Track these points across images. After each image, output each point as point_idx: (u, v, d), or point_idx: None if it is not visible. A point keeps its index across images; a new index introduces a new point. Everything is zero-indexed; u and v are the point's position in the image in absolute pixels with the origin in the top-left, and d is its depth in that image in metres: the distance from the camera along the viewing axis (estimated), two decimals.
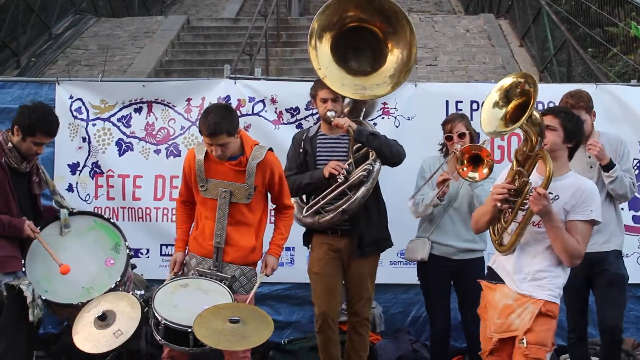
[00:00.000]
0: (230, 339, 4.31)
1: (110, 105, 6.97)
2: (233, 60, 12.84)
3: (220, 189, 4.97)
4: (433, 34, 15.44)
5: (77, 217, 5.38)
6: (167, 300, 4.73)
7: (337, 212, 5.41)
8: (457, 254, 5.77)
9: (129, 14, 18.80)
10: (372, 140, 5.47)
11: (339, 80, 5.52)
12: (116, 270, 5.13)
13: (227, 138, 4.79)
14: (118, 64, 14.11)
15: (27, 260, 5.12)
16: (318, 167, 5.55)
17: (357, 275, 5.61)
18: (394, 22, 5.61)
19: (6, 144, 5.07)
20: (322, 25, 5.54)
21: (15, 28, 14.37)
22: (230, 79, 6.98)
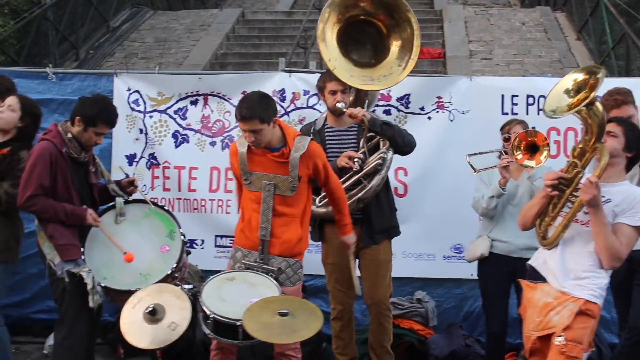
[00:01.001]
0: (280, 333, 4.28)
1: (167, 97, 7.06)
2: (287, 53, 12.87)
3: (264, 181, 4.97)
4: (488, 27, 15.29)
5: (132, 205, 5.44)
6: (215, 294, 4.73)
7: (352, 200, 5.41)
8: (518, 251, 5.66)
9: (185, 7, 18.99)
10: (386, 130, 5.46)
11: (348, 72, 5.49)
12: (172, 257, 5.17)
13: (259, 124, 4.78)
14: (174, 56, 14.27)
15: (86, 248, 5.19)
16: (329, 160, 5.41)
17: (372, 263, 5.62)
18: (397, 14, 5.54)
19: (65, 134, 5.14)
20: (331, 18, 5.52)
21: (75, 21, 14.63)
22: (285, 72, 7.02)
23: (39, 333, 7.03)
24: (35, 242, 6.17)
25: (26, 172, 5.05)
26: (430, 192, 6.64)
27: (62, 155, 5.09)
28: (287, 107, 6.87)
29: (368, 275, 5.67)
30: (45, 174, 5.01)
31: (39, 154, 5.05)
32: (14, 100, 5.52)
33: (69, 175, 5.13)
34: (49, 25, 13.81)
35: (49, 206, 5.02)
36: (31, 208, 5.05)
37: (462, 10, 16.19)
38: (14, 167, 5.39)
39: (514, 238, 5.67)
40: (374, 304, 5.67)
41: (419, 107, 6.79)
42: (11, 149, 5.47)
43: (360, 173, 5.45)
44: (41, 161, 5.02)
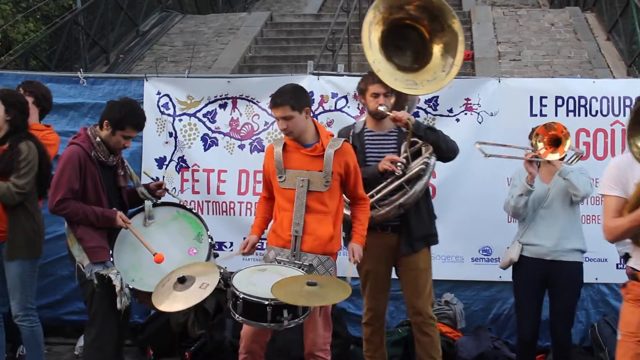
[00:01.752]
0: (308, 298, 4.34)
1: (196, 101, 7.11)
2: (315, 56, 12.90)
3: (298, 178, 5.00)
4: (517, 28, 15.21)
5: (160, 207, 5.48)
6: (245, 279, 4.75)
7: (393, 206, 5.33)
8: (551, 254, 5.63)
9: (213, 11, 19.09)
10: (430, 134, 5.39)
11: (392, 75, 5.41)
12: (199, 260, 5.19)
13: (290, 111, 4.84)
14: (203, 60, 14.35)
15: (114, 250, 5.24)
16: (368, 164, 5.45)
17: (412, 272, 5.52)
18: (441, 19, 5.46)
19: (94, 138, 5.19)
20: (375, 20, 5.44)
21: (105, 26, 14.79)
22: (313, 75, 7.03)
23: (70, 334, 7.11)
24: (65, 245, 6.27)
25: (55, 176, 5.11)
26: (459, 194, 6.63)
27: (90, 159, 5.13)
28: (316, 110, 6.87)
29: (408, 284, 5.58)
30: (75, 177, 5.05)
31: (68, 158, 5.09)
32: None
33: (98, 179, 5.18)
34: (79, 30, 13.97)
35: (79, 209, 5.07)
36: (62, 212, 5.09)
37: (491, 11, 16.12)
38: (14, 160, 5.45)
39: (546, 241, 5.64)
40: (415, 314, 5.56)
41: (447, 109, 6.78)
42: (10, 143, 5.52)
43: (402, 178, 5.34)
44: (70, 165, 5.06)
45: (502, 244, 6.14)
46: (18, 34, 12.93)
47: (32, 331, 5.68)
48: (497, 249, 6.57)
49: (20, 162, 5.44)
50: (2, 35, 12.50)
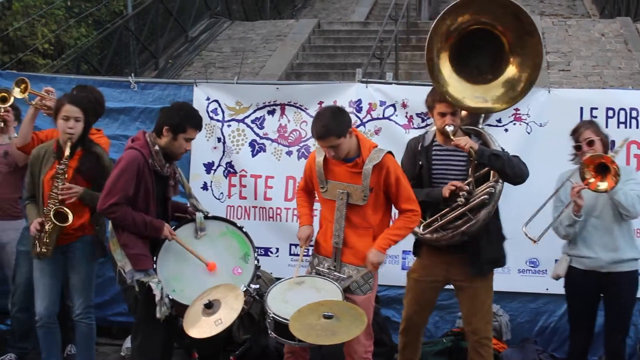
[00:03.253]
0: (320, 334, 4.41)
1: (245, 107, 7.15)
2: (362, 63, 12.93)
3: (338, 190, 5.04)
4: (566, 38, 15.07)
5: (210, 221, 5.48)
6: (279, 295, 4.88)
7: (456, 232, 5.20)
8: (607, 266, 5.52)
9: (261, 18, 19.22)
10: (494, 161, 5.13)
11: (460, 94, 5.22)
12: (241, 281, 5.12)
13: (336, 140, 4.85)
14: (251, 66, 14.45)
15: (158, 258, 5.24)
16: (433, 180, 5.34)
17: (470, 290, 5.39)
18: (519, 28, 5.18)
19: (153, 146, 5.19)
20: (439, 37, 5.20)
21: (155, 31, 14.98)
22: (361, 83, 7.03)
23: (117, 335, 7.20)
24: None
25: (112, 178, 5.09)
26: (507, 205, 6.54)
27: (148, 167, 5.13)
28: (363, 118, 6.89)
29: (465, 302, 5.46)
30: (131, 183, 5.06)
31: (128, 163, 5.08)
32: (75, 109, 5.52)
33: (151, 188, 5.18)
34: (130, 35, 14.18)
35: (129, 215, 5.07)
36: (111, 215, 5.09)
37: (540, 21, 15.98)
38: (103, 166, 5.56)
39: (601, 253, 5.53)
40: (471, 332, 5.45)
41: (496, 119, 6.72)
42: (84, 148, 5.60)
43: (465, 207, 5.17)
44: (129, 171, 5.06)
45: (549, 256, 6.09)
46: (70, 39, 13.18)
47: (91, 329, 5.79)
48: (545, 261, 6.52)
49: (108, 167, 5.52)
50: (55, 40, 12.73)
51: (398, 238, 5.09)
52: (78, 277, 5.66)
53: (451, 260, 5.37)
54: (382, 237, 5.06)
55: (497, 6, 5.17)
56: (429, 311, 5.66)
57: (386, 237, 5.05)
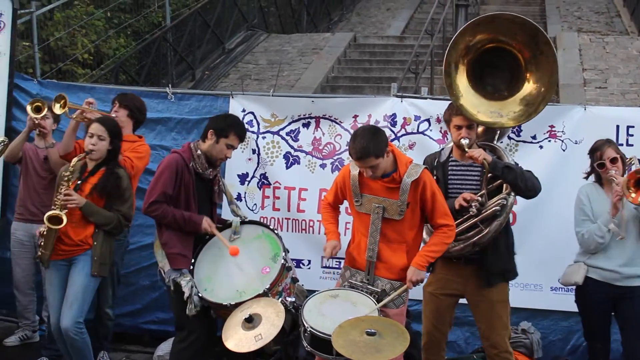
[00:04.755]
0: (364, 351, 4.38)
1: (280, 119, 7.22)
2: (397, 78, 12.93)
3: (374, 204, 5.07)
4: (603, 55, 14.93)
5: (247, 225, 5.64)
6: (315, 308, 4.90)
7: (467, 243, 5.26)
8: (621, 279, 5.55)
9: (297, 31, 19.30)
10: (507, 173, 5.22)
11: (475, 108, 5.31)
12: (268, 278, 5.24)
13: (375, 160, 4.88)
14: (286, 79, 14.51)
15: (197, 260, 5.45)
16: (450, 194, 5.38)
17: (484, 304, 5.42)
18: (535, 46, 5.26)
19: (195, 151, 5.43)
20: (458, 51, 5.33)
21: (192, 42, 15.09)
22: (396, 97, 7.05)
23: (149, 343, 7.26)
24: (148, 255, 6.46)
25: (153, 180, 5.38)
26: (540, 221, 6.55)
27: (187, 169, 5.37)
28: (398, 132, 6.91)
29: (481, 317, 5.49)
30: (170, 183, 5.31)
31: (167, 164, 5.36)
32: (101, 129, 5.74)
33: (192, 188, 5.40)
34: (167, 47, 14.30)
35: (169, 212, 5.31)
36: (153, 213, 5.34)
37: (577, 37, 15.87)
38: (119, 187, 5.74)
39: (619, 267, 5.56)
40: (489, 347, 5.47)
41: (531, 136, 6.71)
42: (108, 169, 5.78)
43: (477, 217, 5.26)
44: (167, 171, 5.33)
45: None
46: (109, 49, 13.33)
47: (83, 342, 5.79)
48: None
49: (125, 190, 5.76)
50: (95, 50, 12.90)
51: (436, 254, 5.12)
52: (71, 289, 5.73)
53: (466, 274, 5.42)
54: (420, 254, 5.08)
55: (515, 25, 5.25)
56: (448, 325, 5.65)
57: (424, 254, 5.07)
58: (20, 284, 6.95)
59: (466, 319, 6.39)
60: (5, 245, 7.44)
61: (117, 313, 6.76)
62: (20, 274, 6.93)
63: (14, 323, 7.43)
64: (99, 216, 5.69)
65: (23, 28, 9.87)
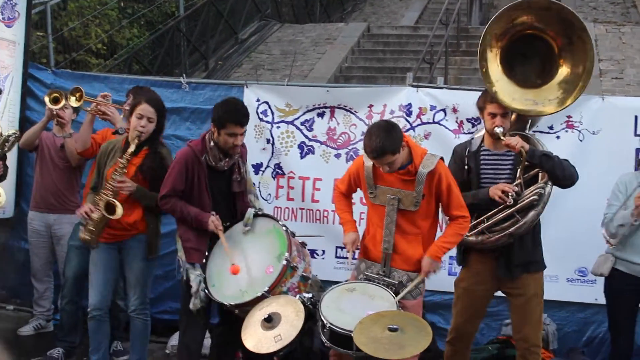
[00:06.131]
0: (388, 348, 4.32)
1: (294, 109, 7.19)
2: (412, 68, 12.88)
3: (389, 195, 5.03)
4: (620, 45, 14.82)
5: (261, 218, 5.54)
6: (333, 304, 4.84)
7: (503, 234, 5.17)
8: None
9: (310, 21, 19.24)
10: (545, 162, 5.13)
11: (510, 95, 5.23)
12: (269, 279, 5.14)
13: (392, 157, 4.84)
14: (299, 69, 14.47)
15: (211, 255, 5.42)
16: (482, 184, 5.31)
17: (519, 298, 5.35)
18: (571, 33, 5.21)
19: (209, 142, 5.37)
20: (493, 37, 5.27)
21: (205, 32, 15.08)
22: (412, 87, 7.01)
23: (162, 333, 7.24)
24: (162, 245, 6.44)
25: (167, 174, 5.37)
26: (557, 212, 6.50)
27: (199, 162, 5.32)
28: (413, 122, 6.87)
29: (515, 310, 5.41)
30: (180, 177, 5.29)
31: (178, 159, 5.36)
32: (151, 110, 5.63)
33: (204, 181, 5.35)
34: (181, 37, 14.28)
35: (178, 207, 5.31)
36: (163, 207, 5.37)
37: (593, 28, 15.74)
38: (164, 167, 5.64)
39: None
40: (521, 340, 5.39)
41: (548, 126, 6.66)
42: (152, 148, 5.71)
43: (513, 208, 5.15)
44: (178, 165, 5.33)
45: None
46: (123, 39, 13.34)
47: (147, 325, 5.94)
48: None
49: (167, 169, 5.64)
50: (108, 40, 12.90)
51: (451, 245, 5.09)
52: (132, 274, 5.80)
53: (493, 265, 5.35)
54: (436, 244, 5.06)
55: (551, 12, 5.18)
56: (480, 319, 5.62)
57: (440, 245, 5.05)
58: (38, 272, 7.02)
59: None
60: (20, 236, 7.45)
61: None
62: (38, 263, 7.00)
63: (28, 312, 7.44)
64: (149, 199, 5.61)
65: (37, 18, 9.85)
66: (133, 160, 5.59)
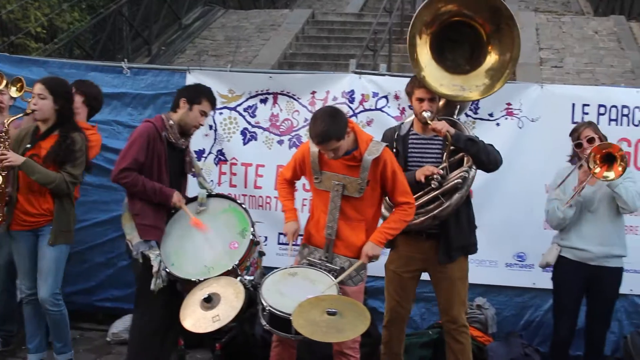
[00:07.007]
0: (326, 331, 4.36)
1: (237, 95, 7.14)
2: (356, 55, 12.92)
3: (334, 181, 5.04)
4: (560, 35, 15.09)
5: (213, 198, 5.55)
6: (274, 287, 4.85)
7: (428, 216, 5.23)
8: (596, 259, 5.62)
9: (255, 7, 19.18)
10: (470, 146, 5.18)
11: (438, 80, 5.27)
12: (237, 254, 5.18)
13: (336, 143, 4.84)
14: (243, 55, 14.42)
15: (164, 235, 5.34)
16: (409, 168, 5.36)
17: (446, 280, 5.44)
18: (499, 20, 5.25)
19: (167, 121, 5.34)
20: (422, 23, 5.28)
21: (148, 17, 14.94)
22: (355, 74, 7.02)
23: (103, 321, 7.19)
24: (103, 232, 6.36)
25: (125, 148, 5.26)
26: (496, 198, 6.60)
27: (160, 138, 5.27)
28: (356, 109, 6.89)
29: (442, 292, 5.50)
30: (142, 150, 5.19)
31: (139, 133, 5.24)
32: (41, 87, 5.64)
33: (164, 158, 5.31)
34: (123, 21, 14.12)
35: (140, 181, 5.19)
36: (123, 180, 5.20)
37: (534, 17, 16.01)
38: (72, 151, 5.63)
39: (593, 246, 5.63)
40: (448, 321, 5.50)
41: (488, 113, 6.74)
42: (61, 133, 5.67)
43: (438, 190, 5.22)
44: (139, 139, 5.22)
45: (537, 251, 6.11)
46: (63, 23, 13.12)
47: (62, 315, 5.83)
48: (532, 256, 6.54)
49: (76, 152, 5.64)
50: (48, 24, 12.67)
51: (394, 232, 5.10)
52: (43, 262, 5.71)
53: (426, 249, 5.41)
54: (379, 230, 5.07)
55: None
56: (411, 301, 5.69)
57: (383, 231, 5.06)
58: None
59: (422, 295, 6.43)
60: None
61: (70, 291, 6.66)
62: None
63: None
64: (40, 175, 5.53)
65: None
66: (42, 143, 5.64)
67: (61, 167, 5.61)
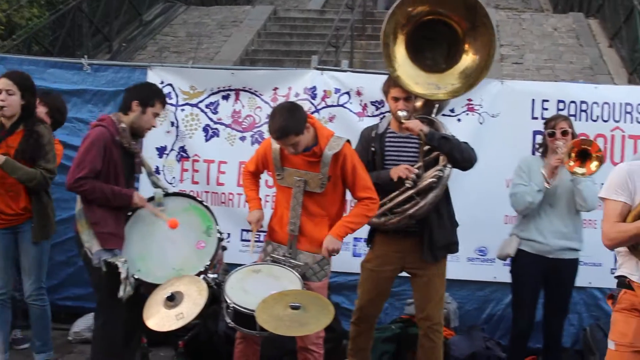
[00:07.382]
0: (289, 325, 4.38)
1: (199, 91, 7.12)
2: (318, 51, 12.92)
3: (295, 177, 5.05)
4: (520, 31, 15.24)
5: (172, 198, 5.46)
6: (238, 284, 4.83)
7: (404, 216, 5.24)
8: (553, 252, 5.70)
9: (217, 3, 19.08)
10: (443, 144, 5.21)
11: (413, 79, 5.27)
12: (206, 254, 5.15)
13: (295, 138, 4.85)
14: (205, 51, 14.36)
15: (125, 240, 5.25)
16: (386, 167, 5.38)
17: (424, 277, 5.44)
18: (474, 18, 5.25)
19: (119, 124, 5.21)
20: (396, 22, 5.26)
21: (109, 14, 14.80)
22: (317, 70, 7.04)
23: (64, 320, 7.09)
24: (63, 230, 6.28)
25: (80, 154, 5.12)
26: (457, 193, 6.55)
27: (114, 143, 5.16)
28: (318, 105, 6.90)
29: (419, 289, 5.49)
30: (99, 158, 5.08)
31: (95, 139, 5.11)
32: (8, 82, 5.55)
33: (119, 163, 5.21)
34: (83, 17, 13.97)
35: (97, 187, 5.07)
36: (79, 189, 5.08)
37: (495, 14, 16.13)
38: (41, 145, 5.56)
39: (551, 239, 5.70)
40: (424, 319, 5.48)
41: (449, 109, 6.76)
42: (27, 128, 5.60)
43: (413, 190, 5.22)
44: (96, 146, 5.09)
45: (498, 245, 6.15)
46: (22, 19, 12.94)
47: (45, 310, 5.85)
48: (493, 250, 6.57)
49: (45, 146, 5.57)
50: (6, 20, 12.50)
51: (355, 226, 5.10)
52: (26, 259, 5.69)
53: (405, 248, 5.41)
54: (339, 224, 5.06)
55: None
56: (384, 300, 5.70)
57: (343, 225, 5.05)
58: None
59: None
60: None
61: None
62: None
63: None
64: (21, 172, 5.46)
65: None
66: (8, 139, 5.54)
67: (34, 163, 5.54)
